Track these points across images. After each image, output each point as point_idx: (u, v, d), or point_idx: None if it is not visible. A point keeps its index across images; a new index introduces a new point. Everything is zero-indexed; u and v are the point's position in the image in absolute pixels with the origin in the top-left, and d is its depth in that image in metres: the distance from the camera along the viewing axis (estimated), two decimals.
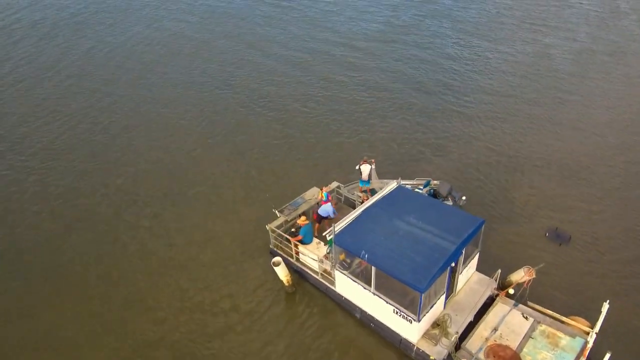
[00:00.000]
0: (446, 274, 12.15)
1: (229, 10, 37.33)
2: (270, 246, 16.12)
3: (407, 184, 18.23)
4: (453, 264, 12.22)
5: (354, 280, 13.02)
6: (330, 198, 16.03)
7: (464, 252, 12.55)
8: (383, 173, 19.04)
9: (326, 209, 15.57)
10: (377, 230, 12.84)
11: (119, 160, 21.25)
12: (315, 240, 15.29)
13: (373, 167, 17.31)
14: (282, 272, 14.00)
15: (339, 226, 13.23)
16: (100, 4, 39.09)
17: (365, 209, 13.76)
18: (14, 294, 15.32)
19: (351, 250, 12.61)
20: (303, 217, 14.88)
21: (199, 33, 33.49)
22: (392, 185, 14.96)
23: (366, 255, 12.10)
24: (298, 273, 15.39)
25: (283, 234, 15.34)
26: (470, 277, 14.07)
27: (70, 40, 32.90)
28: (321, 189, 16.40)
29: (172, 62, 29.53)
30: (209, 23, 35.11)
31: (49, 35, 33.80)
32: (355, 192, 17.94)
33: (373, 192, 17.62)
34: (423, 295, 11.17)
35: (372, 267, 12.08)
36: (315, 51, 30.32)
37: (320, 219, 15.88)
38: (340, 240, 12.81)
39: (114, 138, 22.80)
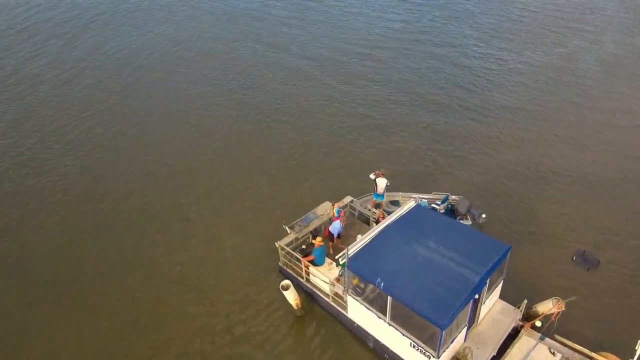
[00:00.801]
0: (469, 307, 11.22)
1: (237, 12, 36.60)
2: (280, 264, 15.32)
3: (424, 198, 17.47)
4: (477, 296, 11.28)
5: (367, 308, 12.15)
6: (341, 214, 15.19)
7: (488, 281, 11.60)
8: (399, 186, 18.18)
9: (335, 227, 14.74)
10: (394, 256, 11.95)
11: (126, 171, 20.42)
12: (327, 260, 14.44)
13: (388, 183, 16.45)
14: (291, 296, 13.17)
15: (353, 249, 12.36)
16: (109, 4, 38.54)
17: (381, 231, 12.87)
18: (14, 307, 14.71)
19: (366, 277, 11.74)
20: (319, 239, 14.01)
21: (211, 37, 32.76)
22: (410, 203, 14.04)
23: (382, 284, 11.22)
24: (308, 294, 14.56)
25: (293, 252, 14.51)
26: (493, 306, 13.11)
27: (76, 41, 32.41)
28: (333, 205, 15.57)
29: (178, 69, 28.59)
30: (221, 26, 34.38)
31: (54, 35, 33.26)
32: (368, 206, 17.17)
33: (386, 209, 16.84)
34: (444, 331, 10.26)
35: (389, 296, 11.20)
36: (330, 59, 29.18)
37: (332, 236, 15.05)
38: (354, 265, 11.94)
39: (120, 146, 22.00)
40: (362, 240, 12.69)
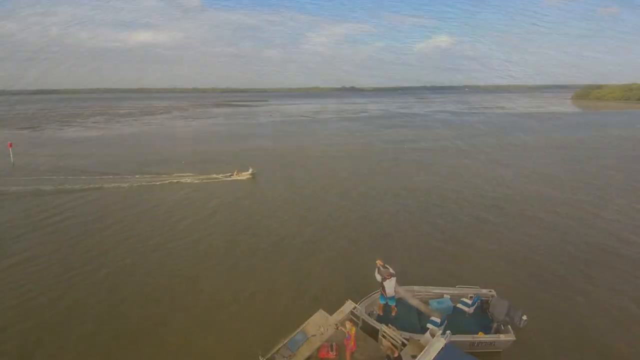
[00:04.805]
0: None
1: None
2: None
3: (447, 294, 13.95)
4: None
5: None
6: (352, 336, 10.99)
7: None
8: (415, 277, 14.18)
9: None
10: None
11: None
12: None
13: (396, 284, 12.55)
14: None
15: None
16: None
17: None
18: None
19: None
20: None
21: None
22: (439, 342, 10.03)
23: None
24: None
25: None
26: None
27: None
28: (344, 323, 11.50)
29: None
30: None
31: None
32: (374, 310, 13.52)
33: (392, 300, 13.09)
34: None
35: None
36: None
37: None
38: None
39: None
40: None
